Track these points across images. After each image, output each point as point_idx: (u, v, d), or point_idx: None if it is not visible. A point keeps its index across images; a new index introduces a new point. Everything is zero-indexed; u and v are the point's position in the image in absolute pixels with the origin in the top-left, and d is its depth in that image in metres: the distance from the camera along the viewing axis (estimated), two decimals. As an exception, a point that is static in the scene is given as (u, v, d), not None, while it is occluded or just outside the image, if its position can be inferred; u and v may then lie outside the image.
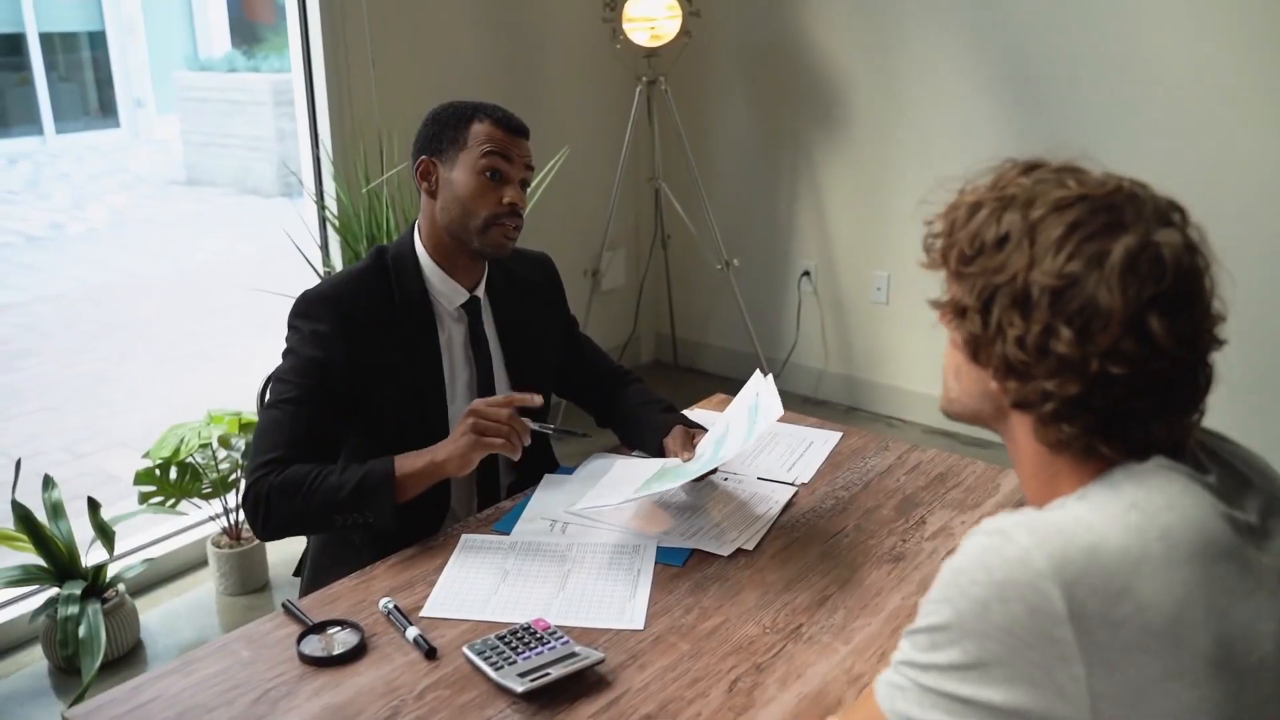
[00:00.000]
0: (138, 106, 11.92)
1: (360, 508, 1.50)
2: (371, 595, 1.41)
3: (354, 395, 1.60)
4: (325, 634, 1.32)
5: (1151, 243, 0.80)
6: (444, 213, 1.64)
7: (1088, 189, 0.85)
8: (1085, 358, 0.81)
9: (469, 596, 1.40)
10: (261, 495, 1.51)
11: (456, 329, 1.69)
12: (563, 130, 3.63)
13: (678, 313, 4.27)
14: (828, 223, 3.83)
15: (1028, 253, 0.83)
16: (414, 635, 1.31)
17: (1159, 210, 0.84)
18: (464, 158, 1.62)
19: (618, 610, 1.36)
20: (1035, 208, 0.85)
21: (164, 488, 2.66)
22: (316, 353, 1.57)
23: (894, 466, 1.77)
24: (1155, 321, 0.79)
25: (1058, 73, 3.20)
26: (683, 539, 1.53)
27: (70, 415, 4.28)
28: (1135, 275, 0.79)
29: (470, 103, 1.67)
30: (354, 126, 3.06)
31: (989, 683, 0.79)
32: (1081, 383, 0.82)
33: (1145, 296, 0.79)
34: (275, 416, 1.56)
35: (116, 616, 2.52)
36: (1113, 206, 0.83)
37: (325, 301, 1.60)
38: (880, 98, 3.58)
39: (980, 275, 0.87)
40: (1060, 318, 0.81)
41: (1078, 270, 0.81)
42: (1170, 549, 0.78)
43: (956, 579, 0.81)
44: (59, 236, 7.61)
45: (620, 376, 1.92)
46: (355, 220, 2.88)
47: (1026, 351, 0.84)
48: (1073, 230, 0.82)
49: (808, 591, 1.41)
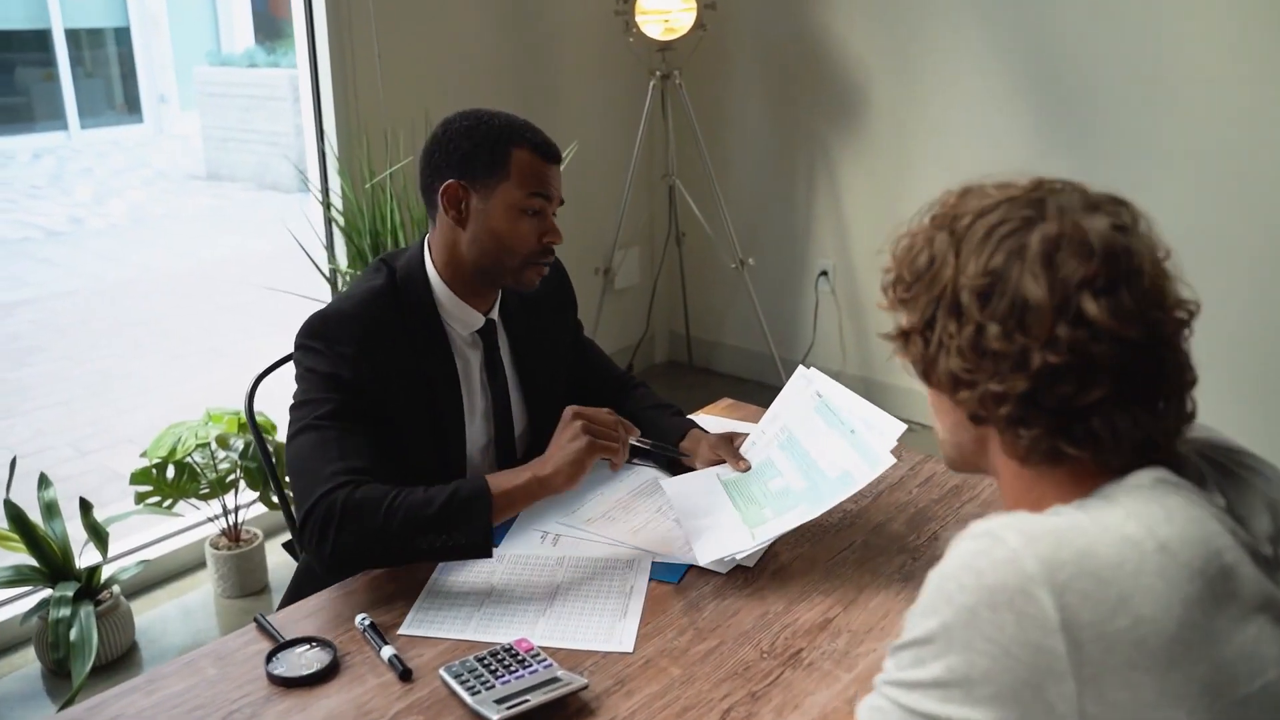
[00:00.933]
0: (161, 102, 11.96)
1: (449, 528, 1.33)
2: (349, 610, 1.34)
3: (377, 422, 1.46)
4: (296, 652, 1.25)
5: (1073, 227, 0.80)
6: (475, 245, 1.51)
7: (1009, 193, 0.85)
8: (1025, 351, 0.80)
9: (450, 614, 1.33)
10: (334, 511, 1.32)
11: (472, 355, 1.60)
12: (574, 125, 3.55)
13: (692, 312, 4.19)
14: (846, 222, 3.75)
15: (954, 263, 0.84)
16: (389, 655, 1.23)
17: (1087, 201, 0.83)
18: (504, 190, 1.48)
19: (607, 631, 1.28)
20: (960, 220, 0.85)
21: (161, 488, 2.61)
22: (341, 371, 1.44)
23: (906, 478, 1.68)
24: (1089, 303, 0.78)
25: (1081, 70, 3.10)
26: (679, 554, 1.45)
27: (78, 412, 4.26)
28: (1058, 260, 0.79)
29: (504, 122, 1.51)
30: (360, 121, 3.00)
31: (974, 702, 0.74)
32: (1027, 378, 0.80)
33: (1073, 280, 0.79)
34: (319, 436, 1.40)
35: (111, 619, 2.47)
36: (1033, 202, 0.83)
37: (344, 321, 1.47)
38: (900, 94, 3.50)
39: (920, 298, 0.87)
40: (991, 315, 0.81)
41: (1000, 265, 0.81)
42: (1169, 562, 0.74)
43: (943, 586, 0.78)
44: (78, 231, 7.62)
45: (625, 381, 1.84)
46: (360, 216, 2.82)
47: (966, 357, 0.83)
48: (993, 230, 0.82)
49: (810, 613, 1.32)
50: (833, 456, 1.45)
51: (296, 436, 1.43)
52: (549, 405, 1.71)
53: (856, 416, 1.47)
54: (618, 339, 4.04)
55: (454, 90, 3.22)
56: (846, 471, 1.42)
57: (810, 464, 1.48)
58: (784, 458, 1.52)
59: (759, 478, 1.51)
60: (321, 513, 1.33)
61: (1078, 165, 3.11)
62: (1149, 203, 0.87)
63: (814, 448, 1.49)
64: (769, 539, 1.41)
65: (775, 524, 1.42)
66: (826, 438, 1.48)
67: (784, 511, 1.43)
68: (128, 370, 4.81)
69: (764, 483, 1.50)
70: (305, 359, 1.47)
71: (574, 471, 1.38)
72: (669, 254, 4.08)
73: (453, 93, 3.20)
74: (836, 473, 1.43)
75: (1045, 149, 3.18)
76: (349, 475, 1.36)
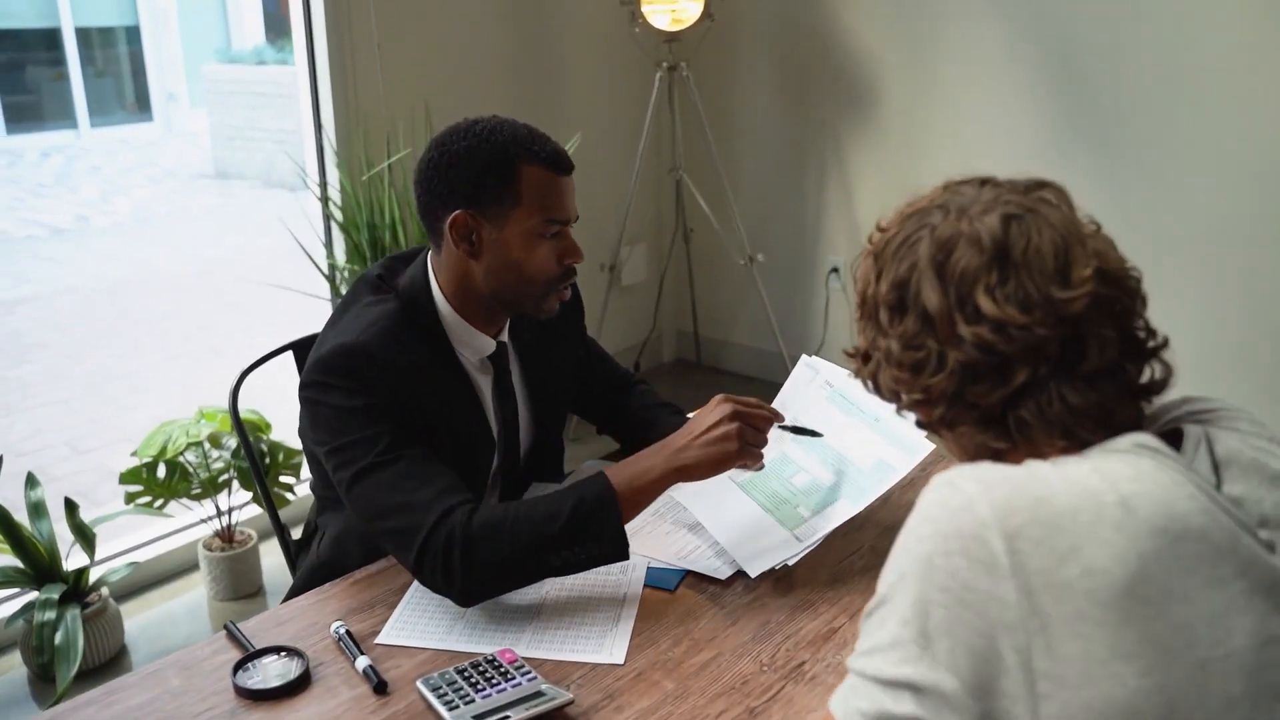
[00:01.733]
0: (171, 100, 11.94)
1: (580, 540, 1.23)
2: (326, 617, 1.27)
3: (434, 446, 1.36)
4: (265, 662, 1.17)
5: (967, 226, 0.82)
6: (491, 276, 1.39)
7: (918, 204, 0.88)
8: (938, 355, 0.83)
9: (432, 621, 1.25)
10: (455, 539, 1.21)
11: (482, 380, 1.49)
12: (578, 117, 3.48)
13: (700, 310, 4.12)
14: (858, 217, 3.67)
15: (874, 284, 0.88)
16: (364, 666, 1.16)
17: (993, 195, 0.85)
18: (519, 216, 1.35)
19: (597, 641, 1.20)
20: (880, 239, 0.89)
21: (151, 487, 2.54)
22: (378, 401, 1.31)
23: (917, 479, 1.59)
24: (983, 299, 0.80)
25: (1102, 62, 3.01)
26: (677, 558, 1.37)
27: (77, 410, 4.20)
28: (951, 262, 0.82)
29: (507, 136, 1.36)
30: (359, 113, 2.93)
31: (933, 661, 0.74)
32: (947, 380, 0.83)
33: (966, 279, 0.81)
34: (392, 470, 1.27)
35: (98, 622, 2.40)
36: (936, 208, 0.86)
37: (363, 353, 1.32)
38: (914, 86, 3.41)
39: (864, 320, 0.91)
40: (903, 327, 0.85)
41: (904, 276, 0.84)
42: (1128, 516, 0.73)
43: (904, 540, 0.78)
44: (83, 230, 7.58)
45: (625, 380, 1.76)
46: (357, 209, 2.75)
47: (894, 369, 0.86)
48: (901, 245, 0.86)
49: (813, 623, 1.24)
50: (861, 446, 1.39)
51: (360, 480, 1.28)
52: (556, 418, 1.63)
53: (877, 403, 1.40)
54: (624, 337, 3.96)
55: (455, 81, 3.15)
56: (882, 460, 1.36)
57: (836, 456, 1.41)
58: (801, 452, 1.45)
59: (778, 475, 1.43)
60: (440, 544, 1.22)
61: (1098, 160, 3.02)
62: (1172, 197, 0.85)
63: (836, 440, 1.42)
64: (817, 539, 1.33)
65: (818, 522, 1.35)
66: (848, 428, 1.41)
67: (822, 509, 1.36)
68: (128, 369, 4.76)
69: (785, 480, 1.43)
70: (329, 398, 1.32)
71: (716, 471, 1.30)
72: (676, 250, 4.00)
73: (453, 84, 3.14)
74: (869, 462, 1.37)
75: (1064, 143, 3.09)
76: (453, 499, 1.26)
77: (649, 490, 1.28)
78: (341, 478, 1.31)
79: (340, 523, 1.50)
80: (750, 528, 1.38)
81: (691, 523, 1.46)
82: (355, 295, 1.46)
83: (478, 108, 1.48)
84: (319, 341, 1.42)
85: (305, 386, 1.36)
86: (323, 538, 1.55)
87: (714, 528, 1.40)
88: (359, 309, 1.41)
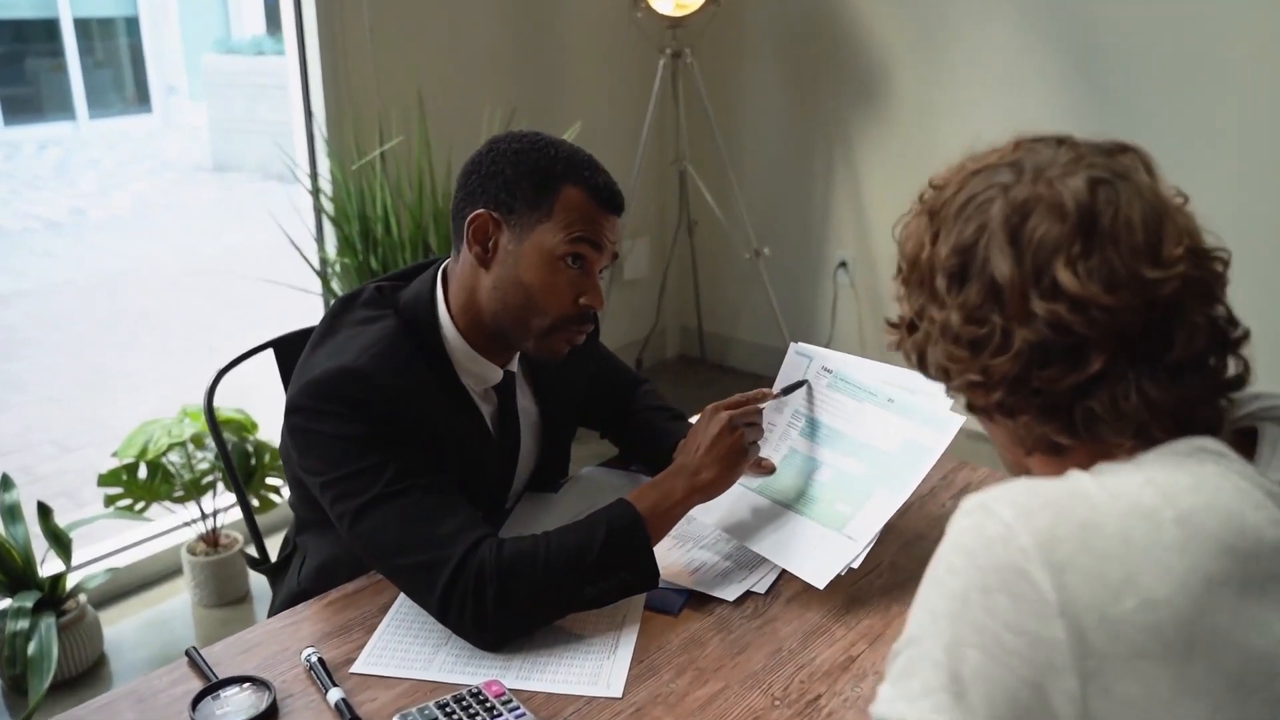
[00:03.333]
0: (170, 92, 11.85)
1: (614, 569, 1.16)
2: (298, 643, 1.16)
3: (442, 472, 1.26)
4: (227, 695, 1.07)
5: (1045, 189, 0.73)
6: (497, 294, 1.26)
7: (987, 160, 0.79)
8: (1004, 332, 0.73)
9: (413, 649, 1.15)
10: (485, 577, 1.12)
11: (484, 408, 1.36)
12: (577, 105, 3.37)
13: (705, 305, 4.01)
14: (866, 211, 3.57)
15: (930, 247, 0.78)
16: (336, 699, 1.06)
17: (1072, 156, 0.75)
18: (544, 231, 1.23)
19: (593, 672, 1.10)
20: (939, 197, 0.79)
21: (132, 489, 2.45)
22: (381, 428, 1.19)
23: (939, 489, 1.49)
24: (1063, 271, 0.70)
25: (1121, 49, 2.90)
26: (681, 578, 1.26)
27: (67, 408, 4.11)
28: (1028, 228, 0.72)
29: (563, 154, 1.25)
30: (351, 101, 2.82)
31: (969, 712, 0.65)
32: (1011, 362, 0.73)
33: (1045, 248, 0.71)
34: (403, 503, 1.16)
35: (75, 631, 2.31)
36: (1009, 166, 0.76)
37: (362, 377, 1.20)
38: (925, 75, 3.31)
39: (912, 287, 0.81)
40: (964, 298, 0.75)
41: (968, 242, 0.75)
42: (1190, 536, 0.65)
43: (934, 571, 0.70)
44: (80, 223, 7.48)
45: (629, 381, 1.65)
46: (347, 200, 2.65)
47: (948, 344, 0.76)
48: (965, 205, 0.76)
49: (829, 650, 1.14)
50: (882, 430, 1.29)
51: (367, 514, 1.17)
52: (562, 446, 1.52)
53: (886, 383, 1.32)
54: (626, 333, 3.85)
55: (450, 68, 3.04)
56: (911, 441, 1.26)
57: (858, 444, 1.31)
58: (813, 446, 1.34)
59: (797, 474, 1.32)
60: (469, 582, 1.12)
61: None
62: (1196, 189, 0.79)
63: (850, 427, 1.32)
64: (874, 535, 1.23)
65: (866, 518, 1.25)
66: (862, 413, 1.32)
67: (862, 503, 1.26)
68: (121, 365, 4.66)
69: (807, 477, 1.32)
70: (324, 425, 1.20)
71: (732, 477, 1.27)
72: (680, 244, 3.89)
73: (448, 70, 3.03)
74: (896, 445, 1.27)
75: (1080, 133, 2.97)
76: (478, 531, 1.16)
77: (673, 514, 1.23)
78: (342, 511, 1.19)
79: (325, 550, 1.38)
80: (796, 538, 1.27)
81: (696, 537, 1.35)
82: (344, 309, 1.33)
83: (474, 95, 1.36)
84: (305, 361, 1.29)
85: (294, 412, 1.23)
86: (304, 563, 1.44)
87: (749, 540, 1.30)
88: (353, 327, 1.28)
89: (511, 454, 1.41)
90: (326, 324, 1.32)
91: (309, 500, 1.30)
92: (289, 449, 1.29)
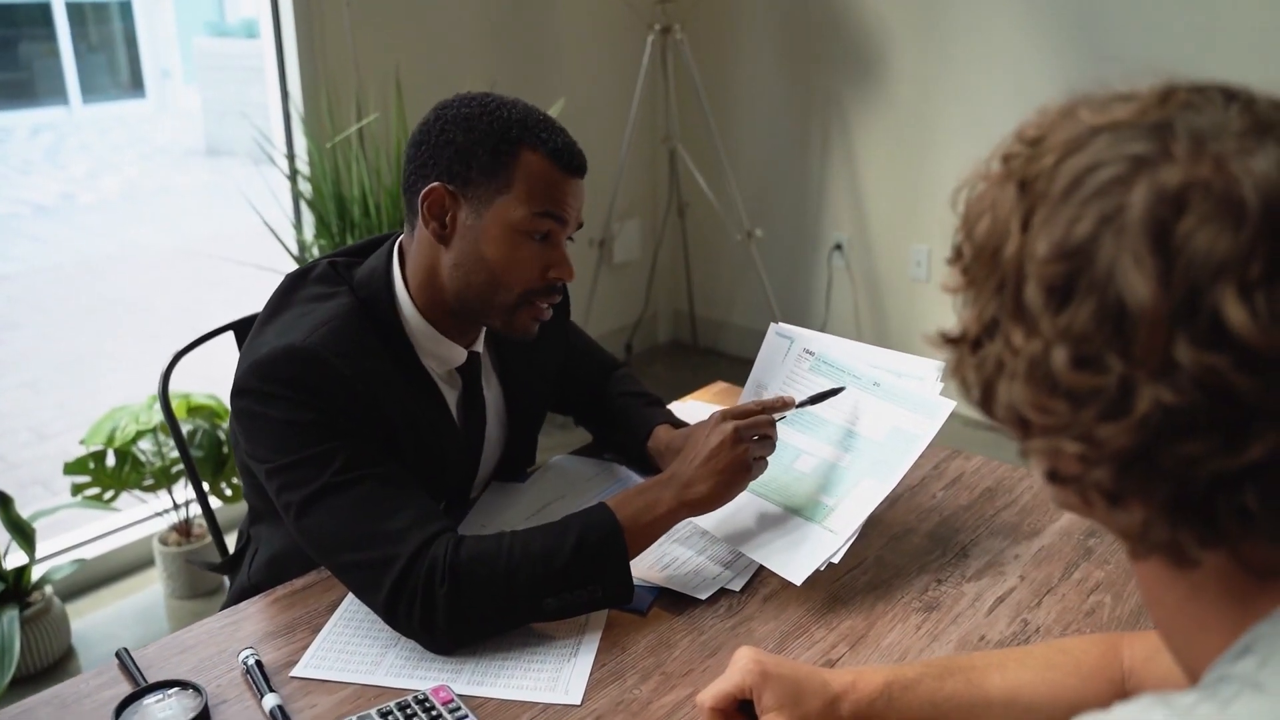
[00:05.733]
0: (164, 77, 11.73)
1: (584, 581, 1.07)
2: (238, 643, 1.08)
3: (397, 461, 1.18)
4: (153, 701, 0.99)
5: (1213, 172, 0.48)
6: (459, 272, 1.18)
7: (1116, 113, 0.53)
8: (1124, 385, 0.49)
9: (360, 651, 1.07)
10: (437, 575, 1.04)
11: (448, 391, 1.28)
12: (562, 81, 3.27)
13: (697, 289, 3.93)
14: (863, 191, 3.48)
15: (1018, 237, 0.53)
16: (271, 705, 0.98)
17: (1251, 122, 0.50)
18: (505, 203, 1.14)
19: (551, 676, 1.02)
20: (1038, 162, 0.54)
21: (100, 478, 2.37)
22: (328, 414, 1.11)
23: (929, 479, 1.41)
24: (1232, 306, 0.46)
25: (1122, 28, 2.81)
26: (651, 572, 1.18)
27: (45, 393, 4.03)
28: (1181, 231, 0.48)
29: (516, 115, 1.16)
30: (328, 77, 2.73)
31: None
32: (1130, 430, 0.49)
33: (1208, 266, 0.47)
34: (353, 494, 1.08)
35: (41, 624, 2.23)
36: (1153, 129, 0.51)
37: (311, 359, 1.11)
38: (924, 51, 3.22)
39: (980, 285, 0.56)
40: (1067, 326, 0.50)
41: (1084, 240, 0.50)
42: None
43: None
44: (68, 207, 7.40)
45: (606, 367, 1.56)
46: (323, 180, 2.56)
47: (1033, 388, 0.53)
48: (1081, 181, 0.51)
49: (808, 652, 1.06)
50: (867, 416, 1.22)
51: (314, 506, 1.09)
52: (530, 432, 1.43)
53: (871, 366, 1.25)
54: (616, 318, 3.77)
55: (429, 42, 2.94)
56: (898, 428, 1.19)
57: (841, 431, 1.23)
58: (792, 432, 1.26)
59: (775, 463, 1.22)
60: (420, 581, 1.04)
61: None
62: None
63: (833, 413, 1.24)
64: (855, 529, 1.14)
65: (849, 509, 1.17)
66: (844, 398, 1.24)
67: (845, 494, 1.18)
68: (102, 350, 4.58)
69: (787, 467, 1.24)
70: (271, 409, 1.11)
71: (729, 495, 1.15)
72: (670, 226, 3.80)
73: (428, 45, 2.94)
74: (883, 433, 1.19)
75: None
76: (432, 526, 1.08)
77: (656, 527, 1.13)
78: (288, 501, 1.11)
79: (277, 541, 1.29)
80: (773, 531, 1.19)
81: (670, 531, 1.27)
82: (295, 285, 1.24)
83: (454, 70, 1.27)
84: (253, 340, 1.20)
85: (240, 394, 1.14)
86: (255, 555, 1.36)
87: (727, 536, 1.21)
88: (304, 304, 1.20)
89: (476, 440, 1.33)
90: (276, 301, 1.24)
91: (260, 489, 1.22)
92: (237, 434, 1.21)
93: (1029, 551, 1.23)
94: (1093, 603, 1.13)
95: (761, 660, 0.89)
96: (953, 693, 0.91)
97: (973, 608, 1.12)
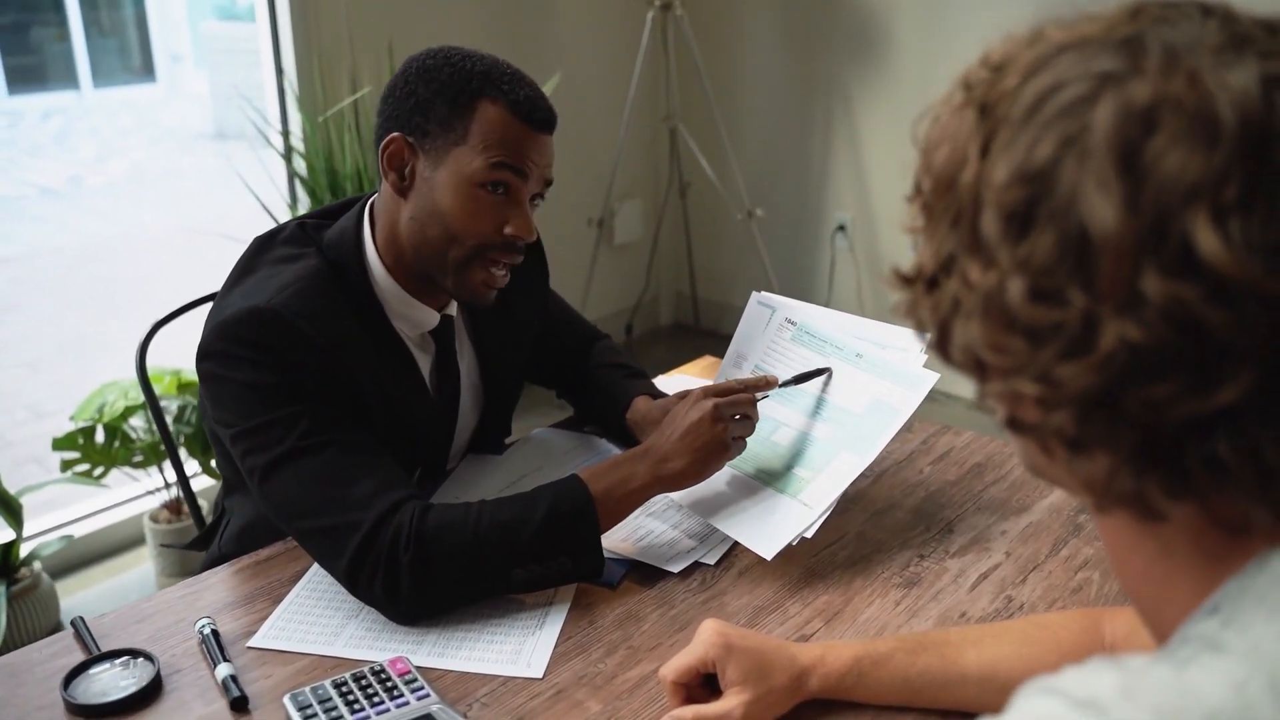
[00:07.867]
0: (175, 61, 11.73)
1: (553, 553, 1.04)
2: (196, 613, 1.06)
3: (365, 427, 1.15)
4: (104, 670, 0.96)
5: (1186, 87, 0.44)
6: (414, 224, 1.15)
7: (1081, 30, 0.50)
8: (1087, 320, 0.45)
9: (319, 621, 1.04)
10: (402, 543, 1.01)
11: (421, 356, 1.25)
12: (558, 56, 3.21)
13: (698, 270, 3.88)
14: (866, 171, 3.43)
15: (976, 164, 0.49)
16: (224, 675, 0.95)
17: (1227, 35, 0.46)
18: (460, 155, 1.11)
19: (514, 649, 0.99)
20: (999, 85, 0.50)
21: (89, 454, 2.35)
22: (293, 376, 1.08)
23: (916, 453, 1.37)
24: (1204, 232, 0.43)
25: None
26: (623, 545, 1.15)
27: (44, 372, 4.03)
28: (1150, 151, 0.44)
29: (479, 67, 1.13)
30: (322, 50, 2.69)
31: None
32: (1093, 370, 0.45)
33: (1177, 188, 0.43)
34: (316, 460, 1.06)
35: (29, 600, 2.22)
36: (1121, 44, 0.47)
37: (276, 320, 1.08)
38: (929, 29, 3.16)
39: (937, 219, 0.52)
40: (1026, 256, 0.47)
41: (1045, 164, 0.46)
42: None
43: None
44: (74, 190, 7.40)
45: (588, 338, 1.52)
46: (316, 155, 2.53)
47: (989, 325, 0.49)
48: (1043, 101, 0.47)
49: (781, 628, 1.02)
50: (848, 388, 1.18)
51: (277, 470, 1.06)
52: (506, 402, 1.40)
53: (854, 338, 1.21)
54: (617, 299, 3.73)
55: (423, 15, 2.90)
56: (878, 400, 1.15)
57: (821, 402, 1.20)
58: (771, 404, 1.23)
59: (755, 435, 1.19)
60: (384, 548, 1.01)
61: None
62: None
63: (813, 385, 1.21)
64: (831, 503, 1.11)
65: (824, 483, 1.13)
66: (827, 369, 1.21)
67: (822, 467, 1.14)
68: (102, 331, 4.56)
69: (765, 439, 1.20)
70: (235, 371, 1.08)
71: (705, 473, 1.13)
72: (671, 206, 3.76)
73: (422, 17, 2.89)
74: (863, 406, 1.16)
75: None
76: (397, 493, 1.05)
77: (630, 501, 1.10)
78: (252, 466, 1.08)
79: (248, 512, 1.27)
80: (746, 503, 1.16)
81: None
82: (263, 247, 1.21)
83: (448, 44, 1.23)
84: (219, 302, 1.17)
85: (205, 357, 1.11)
86: (227, 526, 1.34)
87: (701, 510, 1.18)
88: (271, 265, 1.17)
89: (450, 408, 1.29)
90: (244, 263, 1.21)
91: (230, 459, 1.19)
92: (204, 400, 1.18)
93: (1016, 527, 1.19)
94: (1080, 580, 1.09)
95: (726, 633, 0.86)
96: (926, 668, 0.88)
97: (955, 584, 1.09)
